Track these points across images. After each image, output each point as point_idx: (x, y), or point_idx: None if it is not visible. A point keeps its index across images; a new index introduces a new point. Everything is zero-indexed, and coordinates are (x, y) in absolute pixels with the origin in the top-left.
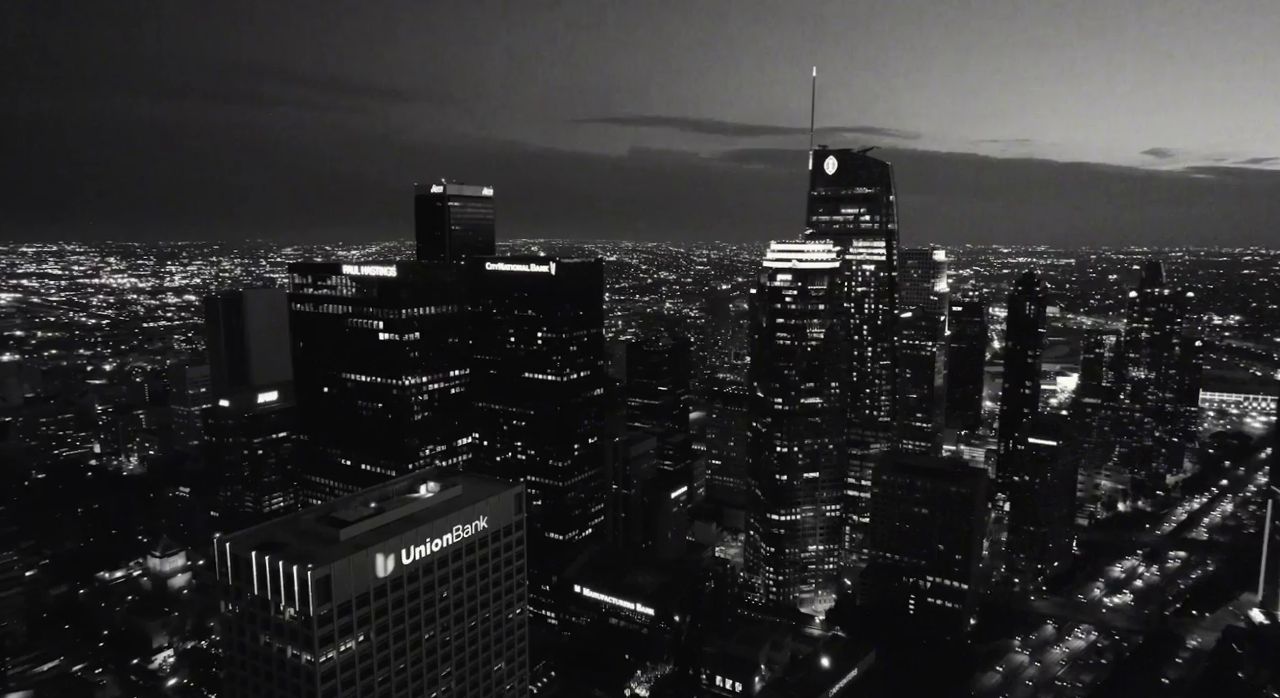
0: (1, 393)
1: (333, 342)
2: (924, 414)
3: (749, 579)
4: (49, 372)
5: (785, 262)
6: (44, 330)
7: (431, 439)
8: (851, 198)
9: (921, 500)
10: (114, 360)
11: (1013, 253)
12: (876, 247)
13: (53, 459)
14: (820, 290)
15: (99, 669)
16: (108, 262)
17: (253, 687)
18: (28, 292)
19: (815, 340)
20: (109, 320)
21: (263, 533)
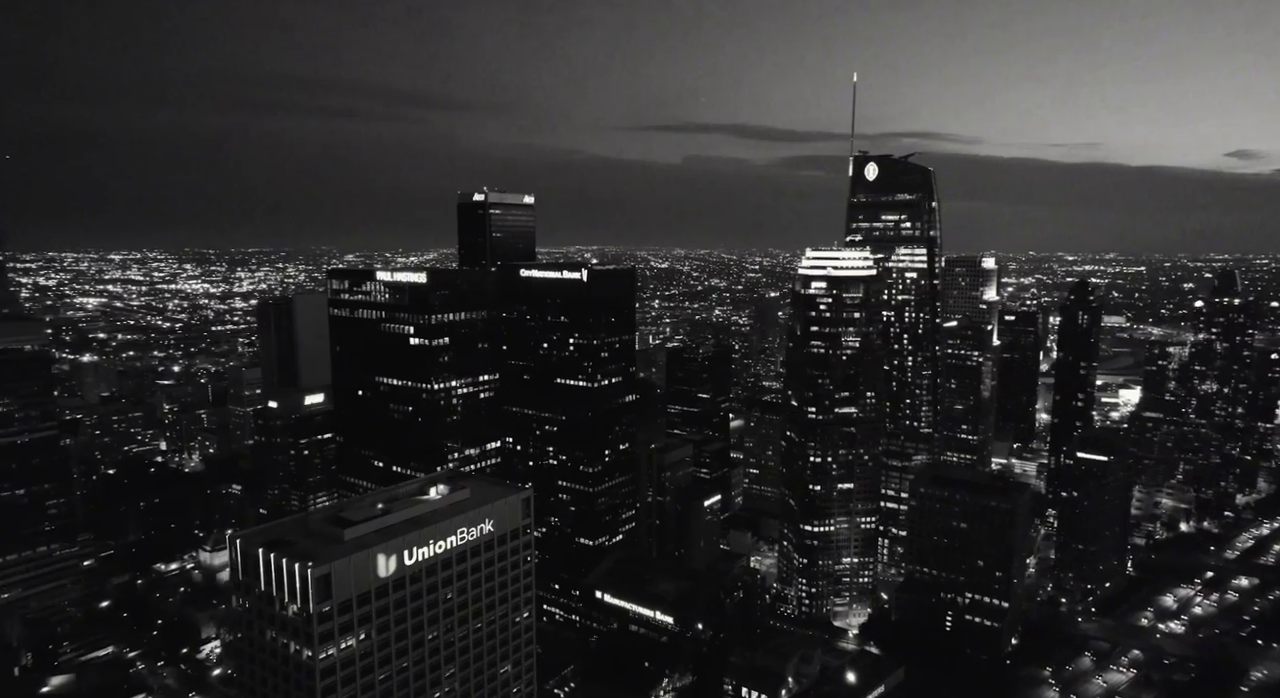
0: (80, 391)
1: (367, 346)
2: (969, 426)
3: (781, 590)
4: (124, 372)
5: (820, 269)
6: (123, 333)
7: (460, 442)
8: (892, 204)
9: (960, 515)
10: (183, 362)
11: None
12: (918, 254)
13: (122, 455)
14: (856, 298)
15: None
16: (184, 268)
17: (260, 680)
18: (112, 296)
19: (850, 349)
20: (181, 324)
21: (273, 531)
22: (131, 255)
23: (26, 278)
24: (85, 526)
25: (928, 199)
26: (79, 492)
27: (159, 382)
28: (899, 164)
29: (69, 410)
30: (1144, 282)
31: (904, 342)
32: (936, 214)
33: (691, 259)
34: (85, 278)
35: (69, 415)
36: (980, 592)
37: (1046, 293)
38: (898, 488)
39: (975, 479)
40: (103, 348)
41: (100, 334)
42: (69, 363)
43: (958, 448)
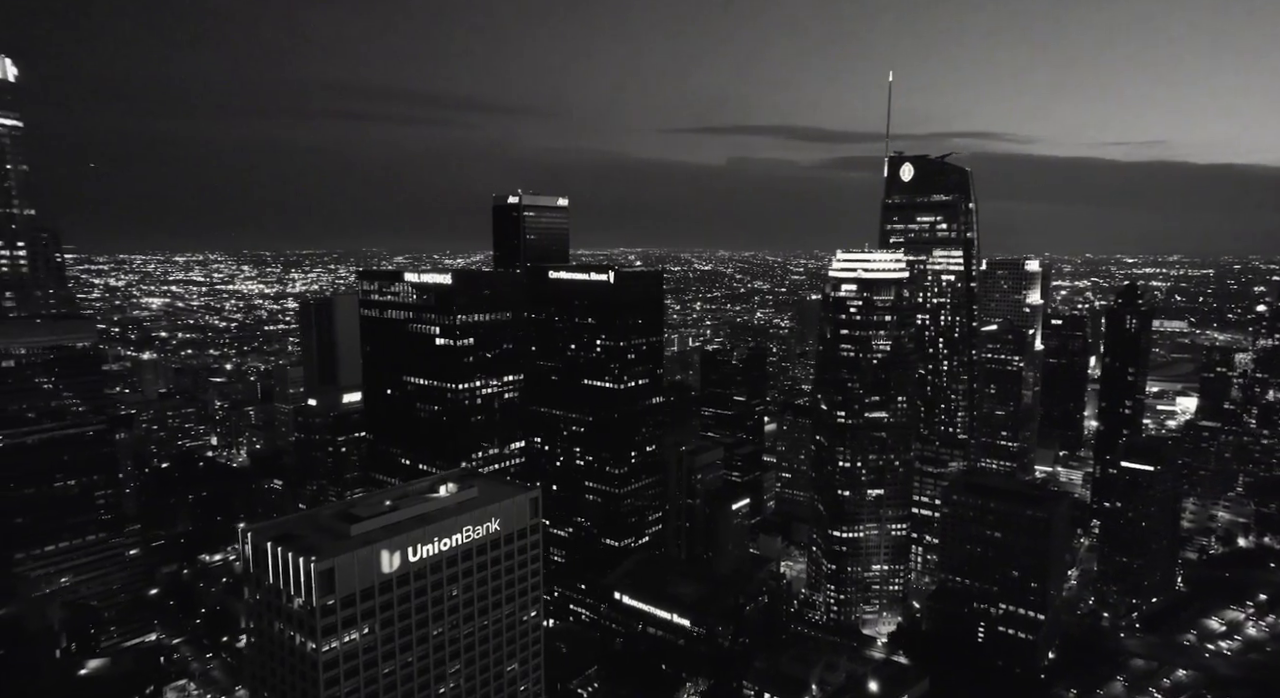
0: (140, 387)
1: (395, 346)
2: (1009, 432)
3: (809, 596)
4: (180, 369)
5: (850, 271)
6: (183, 332)
7: (484, 442)
8: (928, 205)
9: (994, 523)
10: (235, 360)
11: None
12: (955, 256)
13: (175, 450)
14: (887, 301)
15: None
16: (242, 269)
17: (269, 670)
18: (175, 297)
19: (881, 353)
20: (236, 323)
21: (283, 525)
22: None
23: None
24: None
25: (964, 200)
26: (132, 484)
27: (212, 379)
28: (935, 165)
29: (126, 406)
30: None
31: (939, 346)
32: (974, 215)
33: (735, 261)
34: (151, 279)
35: (125, 410)
36: (1015, 603)
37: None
38: (932, 495)
39: (1011, 487)
40: (163, 346)
41: (162, 333)
42: (131, 360)
43: (997, 455)
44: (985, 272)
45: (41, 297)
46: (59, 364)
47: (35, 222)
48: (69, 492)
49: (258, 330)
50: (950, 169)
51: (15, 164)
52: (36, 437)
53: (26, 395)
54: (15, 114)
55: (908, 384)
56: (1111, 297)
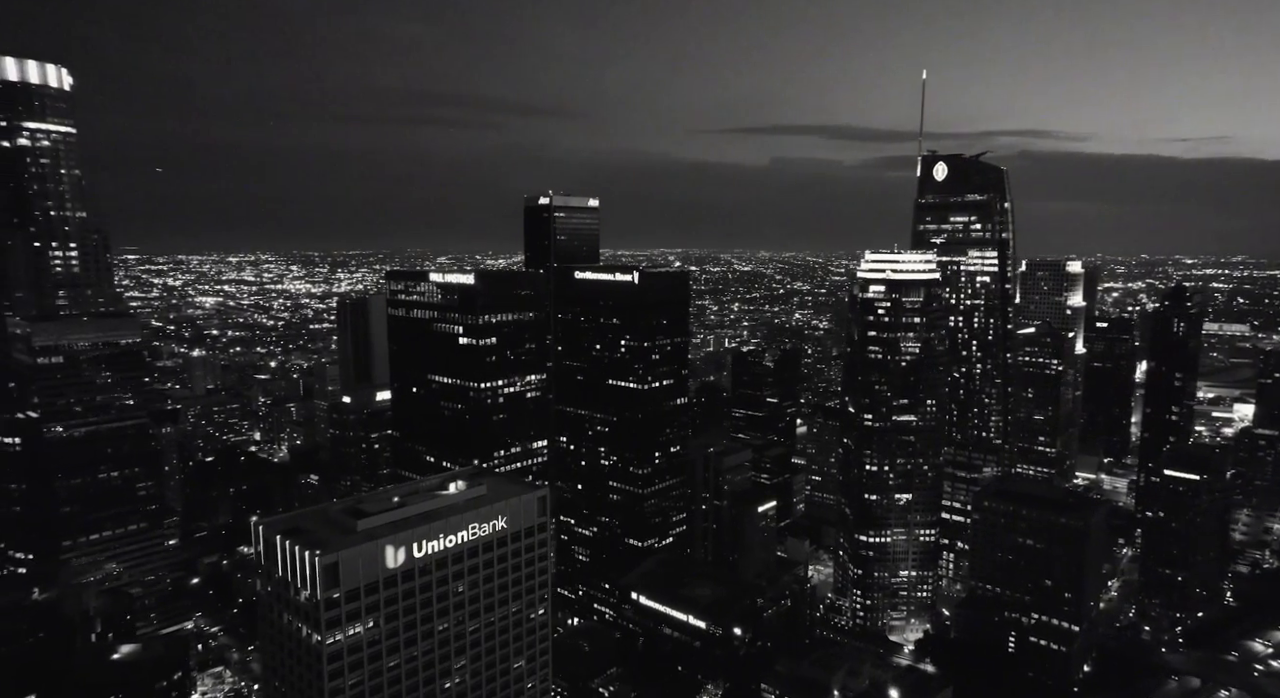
0: (190, 383)
1: (421, 345)
2: (1047, 438)
3: (836, 601)
4: (227, 366)
5: (879, 272)
6: (233, 330)
7: (506, 441)
8: (961, 205)
9: (1027, 530)
10: (280, 358)
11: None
12: (989, 257)
13: (220, 444)
14: (916, 302)
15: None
16: (290, 269)
17: (278, 661)
18: (227, 296)
19: (910, 355)
20: (284, 322)
21: (293, 519)
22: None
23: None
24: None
25: (999, 200)
26: (178, 477)
27: (257, 376)
28: (969, 164)
29: (176, 401)
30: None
31: (972, 348)
32: (1009, 215)
33: (776, 262)
34: (206, 278)
35: (172, 405)
36: (1048, 613)
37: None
38: (964, 500)
39: (1045, 494)
40: (214, 343)
41: (214, 330)
42: (182, 357)
43: (1034, 461)
44: (1024, 273)
45: (91, 296)
46: (105, 361)
47: (87, 224)
48: (112, 483)
49: (303, 329)
50: (985, 168)
51: (69, 169)
52: (83, 430)
53: (74, 390)
54: (70, 121)
55: (938, 387)
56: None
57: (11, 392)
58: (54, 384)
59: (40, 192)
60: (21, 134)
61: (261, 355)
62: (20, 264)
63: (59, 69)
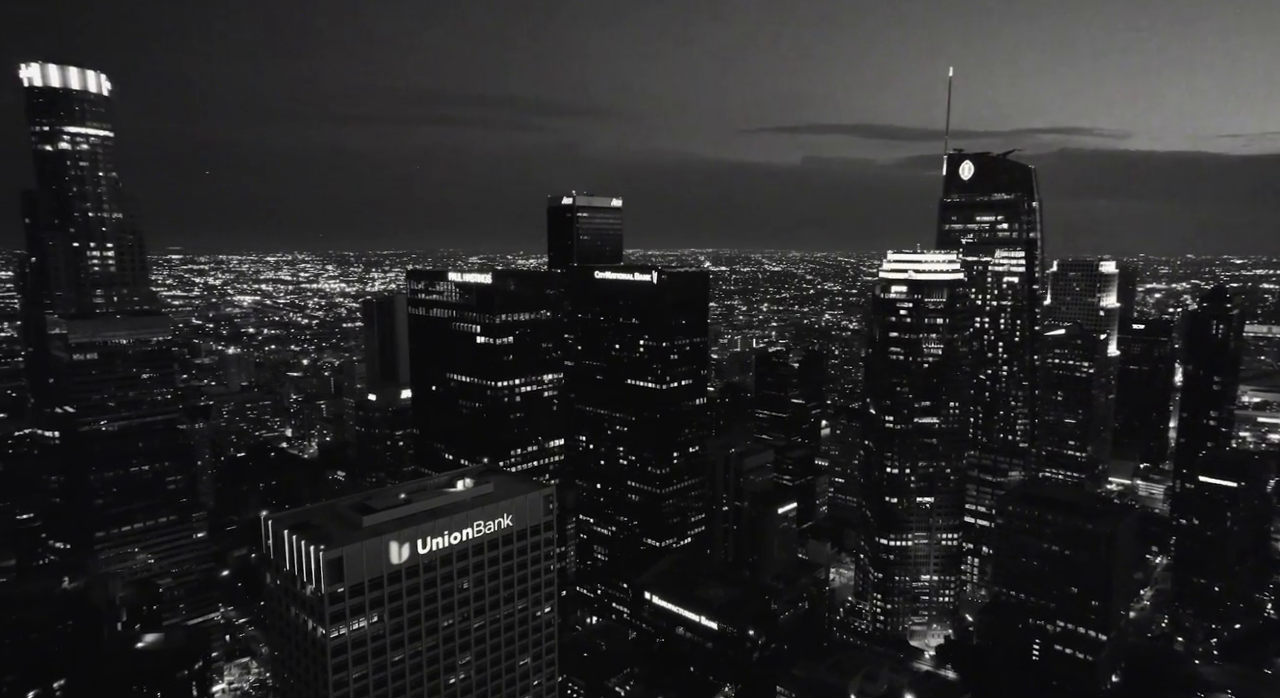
0: (225, 381)
1: (439, 343)
2: (1077, 442)
3: (856, 605)
4: (261, 364)
5: (901, 272)
6: (269, 328)
7: (523, 439)
8: (988, 205)
9: (1052, 536)
10: (313, 356)
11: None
12: (1016, 257)
13: (253, 440)
14: (939, 303)
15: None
16: (326, 268)
17: (286, 653)
18: (264, 295)
19: (932, 356)
20: (318, 320)
21: (302, 515)
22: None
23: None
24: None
25: (1027, 199)
26: (210, 471)
27: (289, 373)
28: (996, 162)
29: (211, 398)
30: None
31: (999, 350)
32: (1037, 215)
33: (807, 262)
34: (245, 277)
35: (205, 402)
36: (1074, 621)
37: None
38: (990, 505)
39: (1071, 499)
40: (250, 341)
41: (250, 328)
42: (218, 354)
43: (1063, 465)
44: (1056, 274)
45: (127, 294)
46: (137, 358)
47: (123, 224)
48: (143, 477)
49: (336, 327)
50: (1012, 167)
51: (106, 171)
52: (115, 425)
53: (107, 386)
54: (107, 125)
55: (961, 389)
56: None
57: (51, 387)
58: (89, 380)
59: (79, 193)
60: (63, 138)
61: (295, 353)
62: (61, 264)
63: (98, 75)
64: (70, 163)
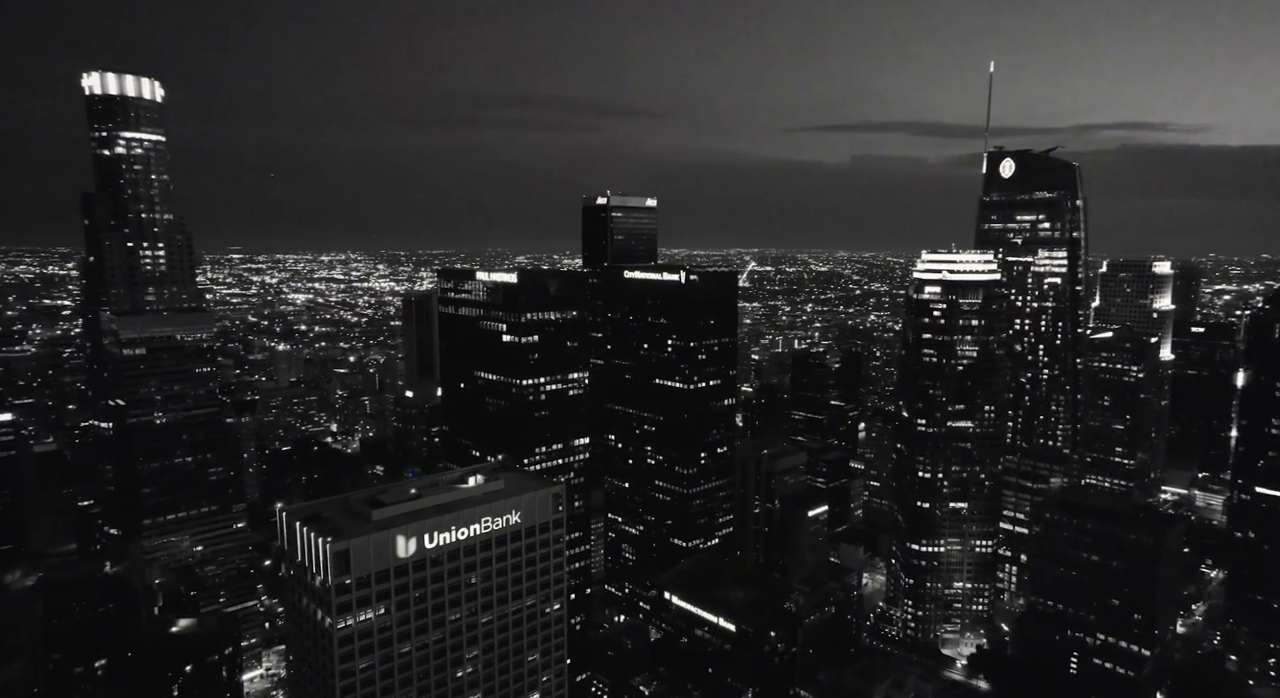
0: (275, 376)
1: (468, 341)
2: (1125, 449)
3: (887, 610)
4: (310, 360)
5: (934, 273)
6: (320, 325)
7: (548, 437)
8: (1029, 203)
9: (1092, 546)
10: (361, 353)
11: None
12: (1058, 257)
13: (299, 434)
14: (973, 304)
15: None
16: (377, 267)
17: (298, 641)
18: (317, 293)
19: (967, 359)
20: (367, 318)
21: (315, 507)
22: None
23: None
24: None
25: (1070, 197)
26: (255, 464)
27: (336, 370)
28: (1039, 160)
29: (262, 393)
30: None
31: (1039, 353)
32: (1081, 213)
33: (854, 262)
34: (299, 276)
35: (252, 396)
36: (1115, 634)
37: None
38: (1029, 511)
39: (1113, 507)
40: (302, 338)
41: (302, 325)
42: (270, 351)
43: (1110, 472)
44: (1106, 274)
45: (176, 292)
46: (181, 353)
47: (173, 225)
48: (187, 468)
49: (384, 325)
50: (1054, 164)
51: (158, 174)
52: (161, 417)
53: (154, 380)
54: (160, 130)
55: (997, 393)
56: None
57: (105, 381)
58: (138, 375)
59: (134, 195)
60: (119, 143)
61: (343, 350)
62: (117, 263)
63: (152, 82)
64: (125, 166)
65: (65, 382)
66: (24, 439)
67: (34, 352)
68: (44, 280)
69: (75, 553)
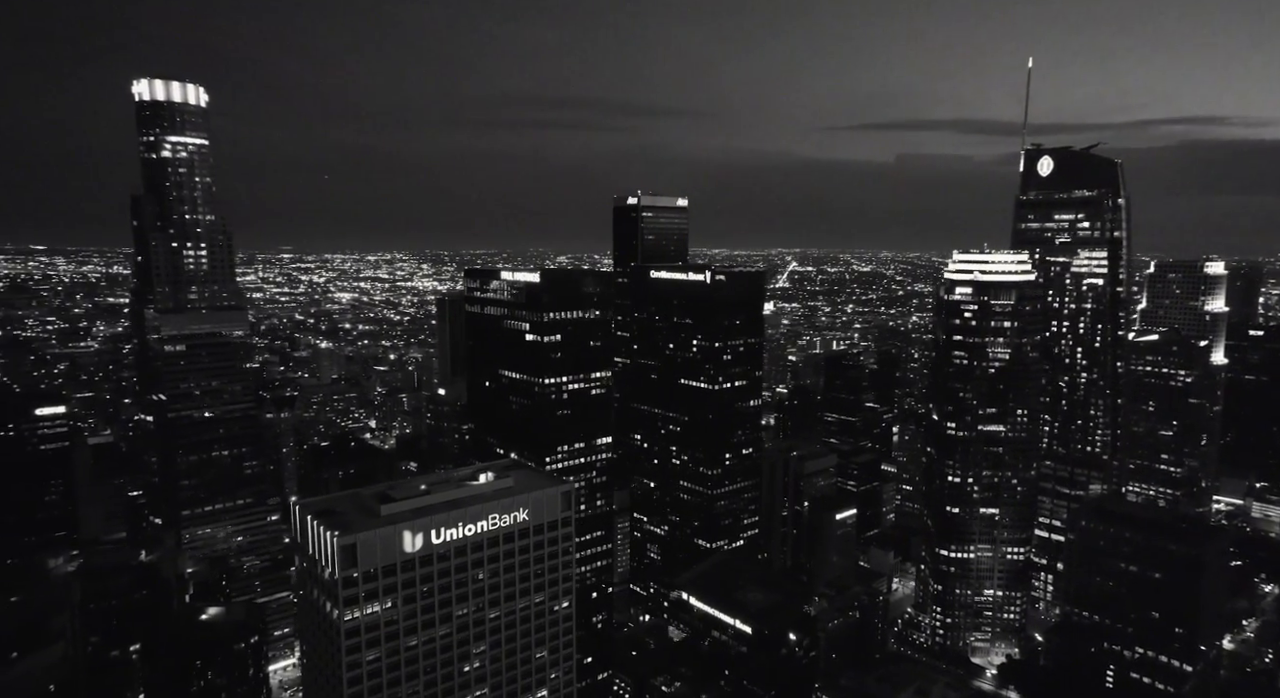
0: (317, 373)
1: (492, 340)
2: (1172, 456)
3: (915, 616)
4: (352, 357)
5: (966, 273)
6: (363, 324)
7: (570, 436)
8: (1068, 202)
9: (1131, 555)
10: (401, 351)
11: None
12: (1098, 257)
13: (338, 430)
14: (1005, 306)
15: None
16: (421, 267)
17: (309, 632)
18: (362, 292)
19: (999, 362)
20: (409, 317)
21: (328, 502)
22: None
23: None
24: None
25: (1111, 195)
26: (292, 459)
27: (376, 367)
28: (1078, 157)
29: (302, 389)
30: None
31: (1077, 356)
32: (1123, 212)
33: (898, 262)
34: (346, 276)
35: (291, 392)
36: (1154, 648)
37: None
38: (1066, 519)
39: (1153, 516)
40: (345, 336)
41: (346, 324)
42: (313, 348)
43: (1155, 480)
44: (1153, 275)
45: (217, 291)
46: (217, 350)
47: (215, 225)
48: (222, 461)
49: (425, 324)
50: (1095, 161)
51: (201, 176)
52: (197, 412)
53: (192, 376)
54: (204, 133)
55: (1030, 396)
56: None
57: (148, 377)
58: (177, 371)
59: (178, 197)
60: (165, 146)
61: (385, 348)
62: (162, 262)
63: (197, 88)
64: (171, 169)
65: (122, 376)
66: (77, 431)
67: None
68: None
69: (125, 541)
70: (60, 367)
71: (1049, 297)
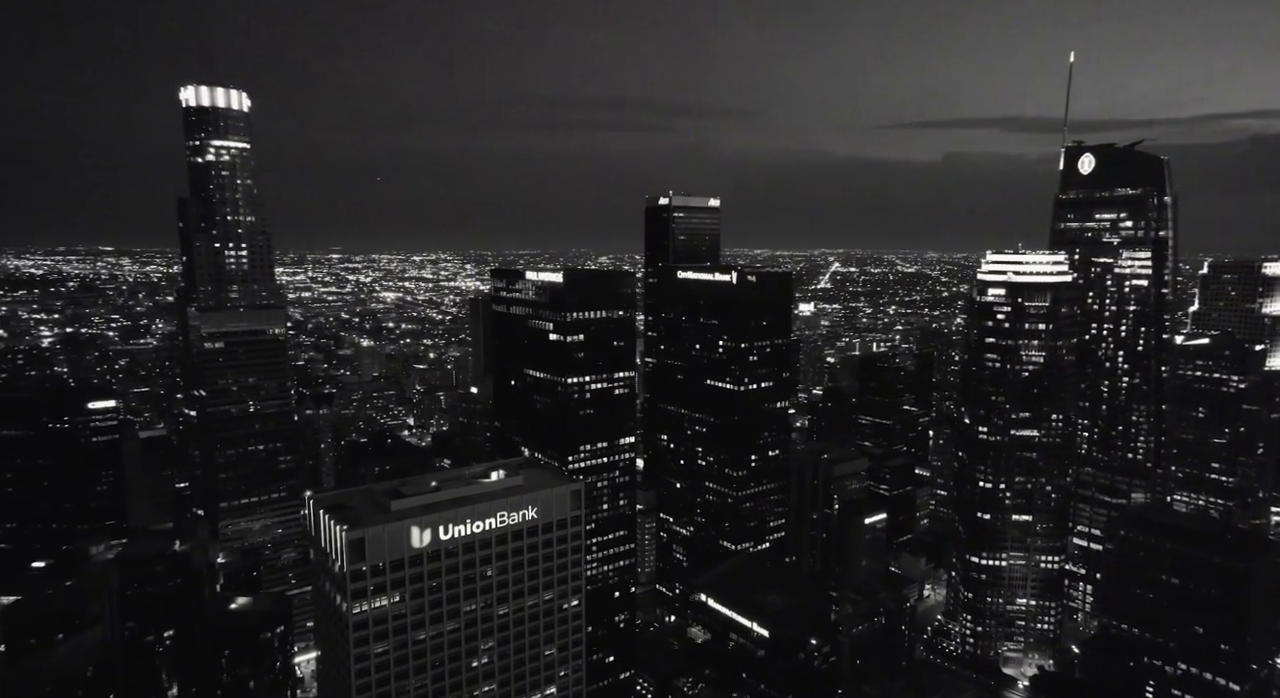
0: (358, 371)
1: (517, 340)
2: (1224, 465)
3: (945, 624)
4: (393, 356)
5: (999, 274)
6: (406, 323)
7: (593, 435)
8: (1109, 201)
9: (1172, 568)
10: (442, 350)
11: None
12: (1140, 257)
13: (377, 427)
14: (1040, 307)
15: None
16: (465, 267)
17: (322, 623)
18: (406, 291)
19: (1033, 365)
20: (451, 316)
21: (340, 497)
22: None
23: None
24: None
25: (1156, 194)
26: (330, 455)
27: (416, 366)
28: (1120, 154)
29: (344, 387)
30: None
31: (1119, 360)
32: (1169, 211)
33: (943, 263)
34: (391, 275)
35: (330, 390)
36: (1199, 665)
37: None
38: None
39: (1198, 527)
40: (389, 334)
41: (390, 323)
42: (355, 347)
43: (1203, 489)
44: (1207, 276)
45: (256, 290)
46: (255, 348)
47: (255, 227)
48: (258, 456)
49: (466, 323)
50: (1139, 159)
51: (243, 179)
52: (235, 408)
53: (231, 373)
54: (246, 137)
55: (1066, 401)
56: None
57: (191, 373)
58: (216, 367)
59: (221, 199)
60: (209, 150)
61: (425, 347)
62: (205, 262)
63: (240, 94)
64: (214, 172)
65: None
66: (128, 424)
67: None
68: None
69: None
70: (121, 363)
71: (1089, 299)
